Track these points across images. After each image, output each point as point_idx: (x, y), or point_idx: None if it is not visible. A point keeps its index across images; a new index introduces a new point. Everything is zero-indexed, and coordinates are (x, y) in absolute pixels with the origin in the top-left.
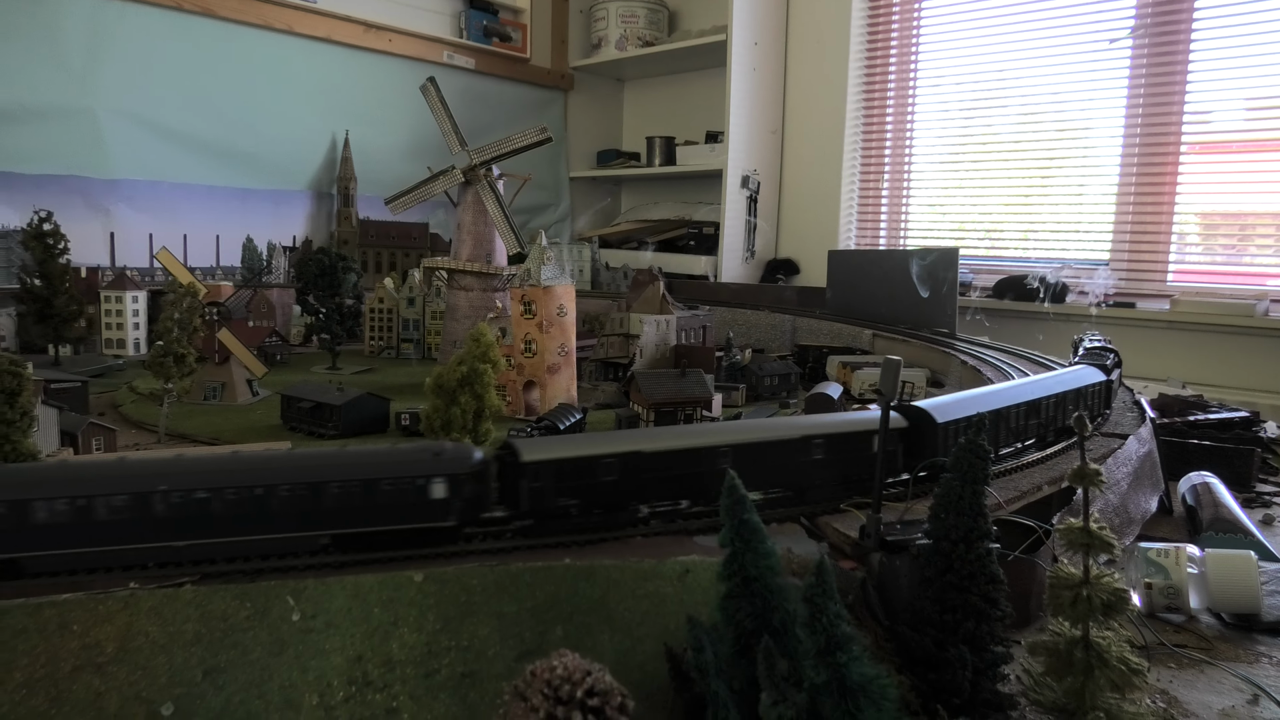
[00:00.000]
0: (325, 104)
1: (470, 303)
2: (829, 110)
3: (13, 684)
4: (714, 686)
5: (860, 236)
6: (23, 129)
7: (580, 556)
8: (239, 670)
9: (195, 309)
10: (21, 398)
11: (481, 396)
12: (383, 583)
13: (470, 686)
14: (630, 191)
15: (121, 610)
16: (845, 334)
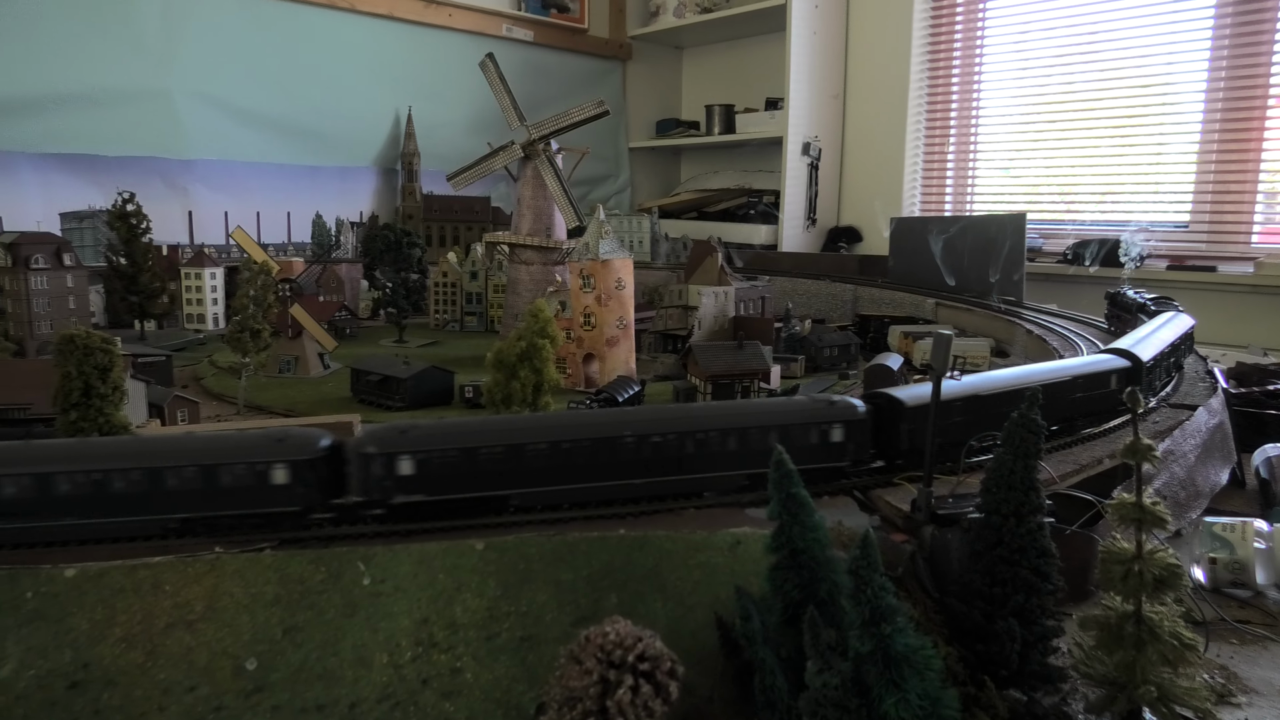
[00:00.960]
0: (388, 80)
1: (531, 276)
2: (892, 72)
3: (113, 638)
4: (761, 654)
5: (925, 202)
6: (104, 112)
7: (635, 527)
8: (315, 630)
9: (269, 286)
10: (113, 373)
11: (540, 370)
12: (446, 550)
13: (529, 649)
14: (689, 161)
15: (208, 572)
16: (907, 303)
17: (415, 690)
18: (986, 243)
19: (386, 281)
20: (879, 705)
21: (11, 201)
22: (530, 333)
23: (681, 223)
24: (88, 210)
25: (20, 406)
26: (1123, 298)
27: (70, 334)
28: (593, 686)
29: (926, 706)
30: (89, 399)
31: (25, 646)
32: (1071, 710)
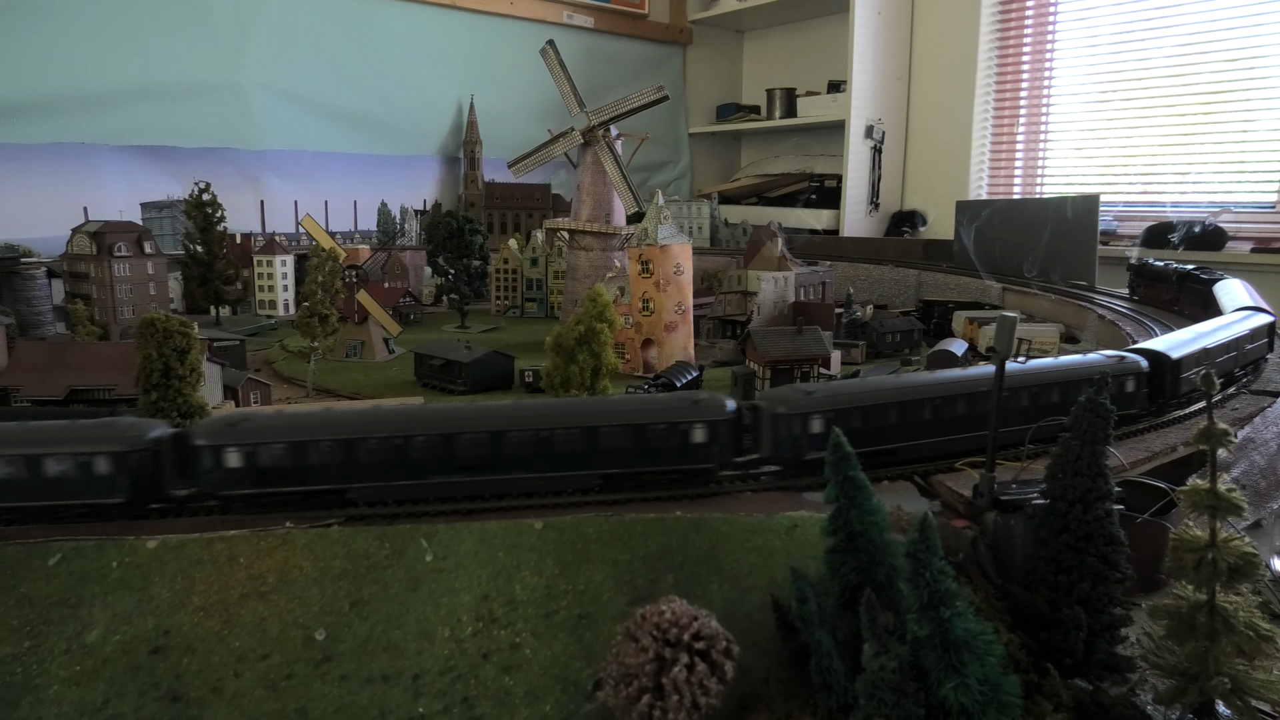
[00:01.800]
0: (452, 69)
1: (590, 262)
2: (959, 50)
3: (192, 607)
4: (817, 636)
5: (992, 185)
6: (181, 105)
7: (691, 509)
8: (380, 603)
9: (336, 272)
10: (190, 355)
11: (599, 354)
12: (506, 529)
13: (586, 627)
14: (750, 145)
15: (280, 546)
16: (973, 288)
17: (476, 664)
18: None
19: (449, 268)
20: (937, 689)
21: (96, 192)
22: (589, 316)
23: (741, 208)
24: (166, 200)
25: (105, 387)
26: (1149, 268)
27: (150, 318)
28: (648, 664)
29: (986, 692)
30: (168, 380)
31: (111, 613)
32: (1140, 701)
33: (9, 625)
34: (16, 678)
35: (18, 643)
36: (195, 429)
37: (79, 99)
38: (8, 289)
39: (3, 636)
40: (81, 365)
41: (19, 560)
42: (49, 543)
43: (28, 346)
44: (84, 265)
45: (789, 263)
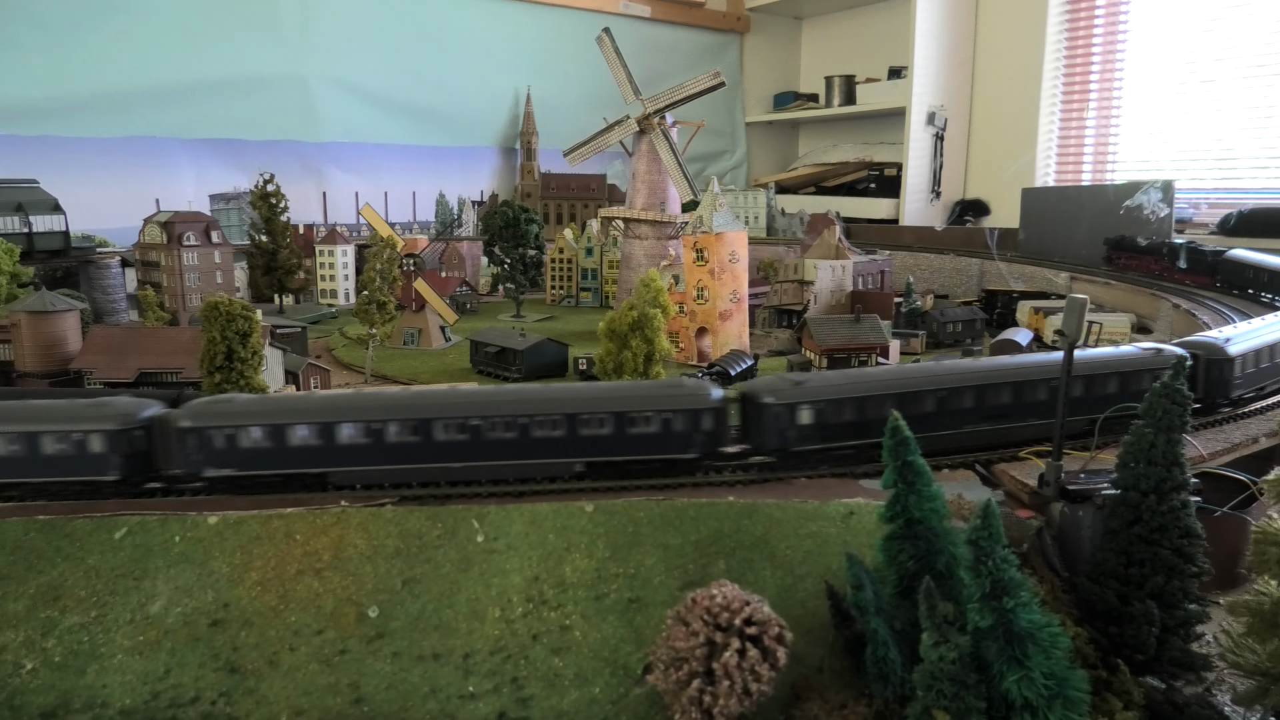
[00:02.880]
0: (509, 61)
1: (645, 251)
2: (1026, 33)
3: (250, 582)
4: (873, 624)
5: (1060, 172)
6: (247, 99)
7: (743, 495)
8: (432, 582)
9: (394, 260)
10: (252, 338)
11: (652, 340)
12: (556, 511)
13: (636, 611)
14: (808, 134)
15: (335, 524)
16: (1038, 277)
17: (526, 645)
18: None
19: (505, 257)
20: (999, 682)
21: (167, 184)
22: (642, 302)
23: (798, 198)
24: (233, 192)
25: (173, 370)
26: (1128, 241)
27: (214, 301)
28: (699, 648)
29: (1051, 686)
30: (231, 362)
31: (173, 585)
32: (1217, 701)
33: (77, 595)
34: (84, 645)
35: (85, 612)
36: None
37: (150, 94)
38: (84, 277)
39: (71, 606)
40: (151, 349)
41: (87, 533)
42: (115, 517)
43: (100, 331)
44: (155, 254)
45: (847, 251)
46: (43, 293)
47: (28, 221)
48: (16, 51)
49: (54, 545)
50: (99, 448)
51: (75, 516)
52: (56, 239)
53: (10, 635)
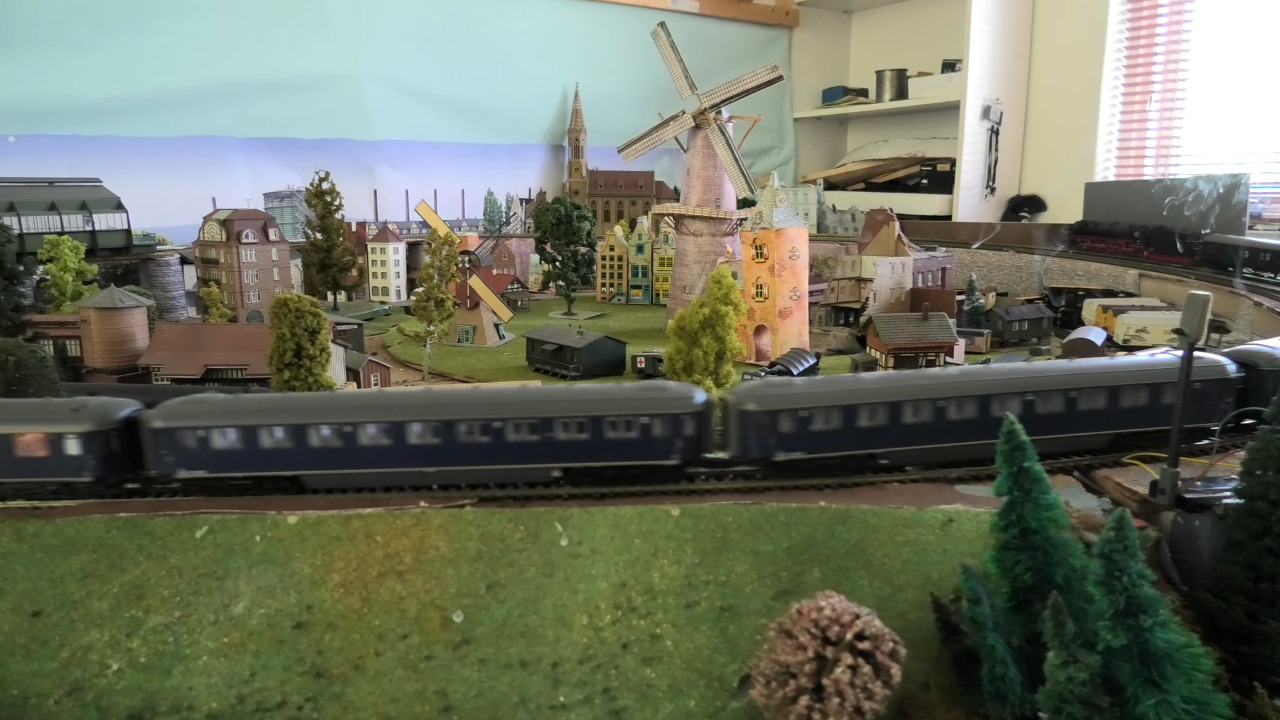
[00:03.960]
0: (558, 57)
1: (699, 248)
2: (1086, 25)
3: (332, 583)
4: (990, 641)
5: (1120, 167)
6: (299, 98)
7: (835, 499)
8: (516, 587)
9: (453, 257)
10: (321, 335)
11: (723, 339)
12: (641, 515)
13: (729, 620)
14: (857, 129)
15: (415, 525)
16: (1104, 275)
17: (615, 654)
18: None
19: (556, 255)
20: (1134, 706)
21: (223, 182)
22: (713, 299)
23: (848, 194)
24: (287, 190)
25: (238, 367)
26: (1095, 225)
27: (283, 297)
28: (808, 663)
29: (1192, 711)
30: (300, 359)
31: (256, 586)
32: None
33: (160, 595)
34: (168, 646)
35: (169, 612)
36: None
37: (207, 93)
38: (144, 275)
39: (155, 605)
40: (216, 345)
41: (168, 532)
42: (195, 515)
43: (167, 328)
44: (214, 251)
45: (907, 248)
46: (111, 289)
47: (91, 220)
48: (79, 52)
49: (135, 543)
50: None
51: (155, 514)
52: (118, 237)
53: (95, 635)
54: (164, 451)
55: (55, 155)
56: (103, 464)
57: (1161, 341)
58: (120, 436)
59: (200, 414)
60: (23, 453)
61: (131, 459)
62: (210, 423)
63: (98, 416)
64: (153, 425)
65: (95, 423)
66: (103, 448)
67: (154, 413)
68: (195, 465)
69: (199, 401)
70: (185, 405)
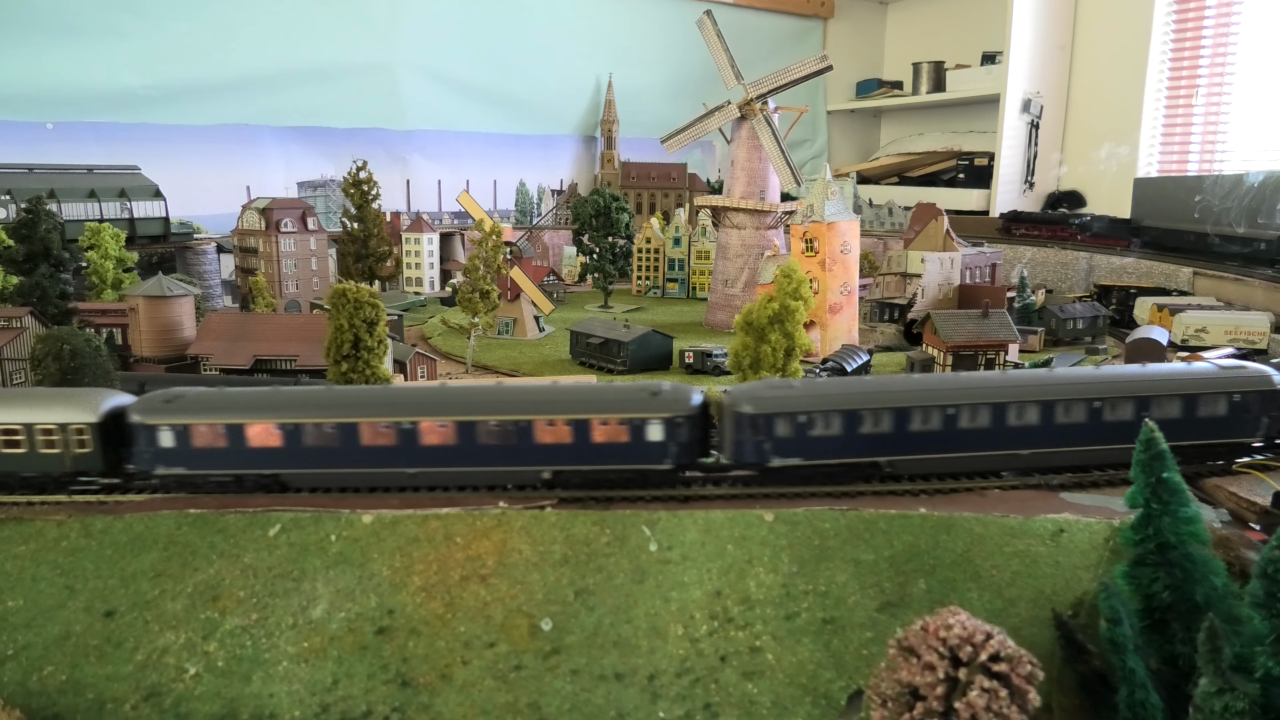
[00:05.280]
0: (591, 48)
1: (742, 241)
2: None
3: (413, 587)
4: (1130, 664)
5: (1164, 162)
6: (335, 87)
7: (935, 506)
8: (605, 594)
9: (499, 248)
10: (379, 327)
11: (792, 335)
12: (732, 520)
13: (832, 633)
14: (891, 122)
15: (496, 527)
16: (1156, 272)
17: (714, 667)
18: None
19: (593, 246)
20: None
21: (257, 171)
22: (783, 294)
23: (881, 188)
24: (320, 179)
25: (288, 357)
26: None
27: (341, 288)
28: (938, 685)
29: None
30: (357, 351)
31: (334, 588)
32: None
33: (236, 596)
34: (246, 650)
35: (246, 614)
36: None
37: (243, 81)
38: (181, 263)
39: (231, 607)
40: (265, 336)
41: (240, 529)
42: (268, 512)
43: (216, 317)
44: (253, 240)
45: (955, 243)
46: (160, 277)
47: (129, 207)
48: (118, 40)
49: (207, 541)
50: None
51: (226, 511)
52: (156, 225)
53: (171, 637)
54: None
55: (92, 142)
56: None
57: (1222, 341)
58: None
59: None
60: None
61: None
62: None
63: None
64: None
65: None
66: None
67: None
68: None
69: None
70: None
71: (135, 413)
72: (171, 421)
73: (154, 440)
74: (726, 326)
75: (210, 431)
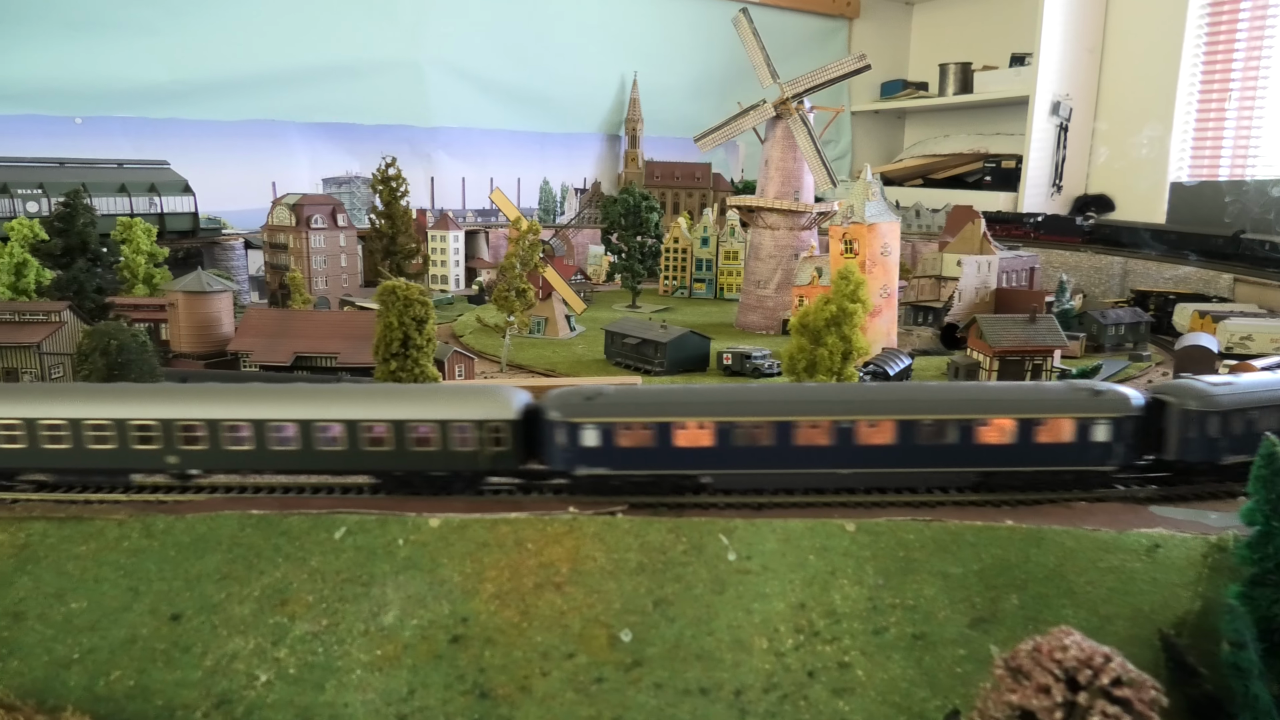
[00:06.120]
0: (616, 46)
1: (775, 241)
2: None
3: (486, 594)
4: (1255, 690)
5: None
6: (361, 83)
7: (1022, 518)
8: (685, 604)
9: (536, 246)
10: (428, 325)
11: (849, 338)
12: (812, 529)
13: (924, 650)
14: (915, 124)
15: (568, 533)
16: (1194, 278)
17: (802, 682)
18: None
19: (622, 245)
20: None
21: (283, 168)
22: (840, 295)
23: (905, 189)
24: (344, 176)
25: (329, 355)
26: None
27: (391, 285)
28: (1056, 709)
29: None
30: (407, 350)
31: (404, 594)
32: None
33: (305, 600)
34: (318, 658)
35: (315, 620)
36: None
37: (270, 77)
38: (208, 259)
39: (300, 612)
40: (305, 333)
41: (304, 532)
42: (332, 515)
43: (255, 313)
44: (283, 236)
45: (993, 246)
46: (199, 272)
47: (158, 202)
48: (148, 35)
49: (272, 543)
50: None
51: (289, 512)
52: (185, 220)
53: (240, 642)
54: None
55: (120, 137)
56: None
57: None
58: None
59: None
60: None
61: None
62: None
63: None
64: None
65: None
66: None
67: None
68: None
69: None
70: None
71: (554, 410)
72: (597, 420)
73: (576, 439)
74: (758, 328)
75: (638, 431)
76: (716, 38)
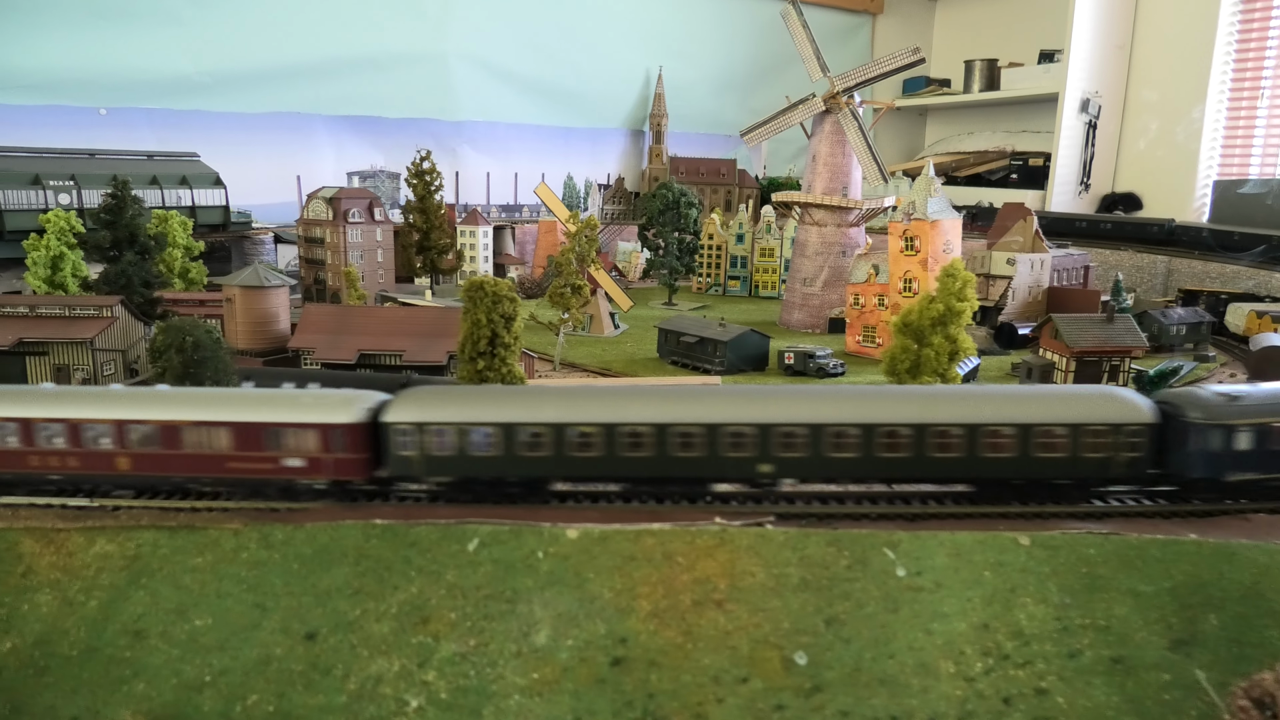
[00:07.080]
0: (641, 41)
1: (822, 238)
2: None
3: (642, 612)
4: None
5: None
6: (387, 76)
7: (1204, 532)
8: (858, 624)
9: (594, 241)
10: (516, 323)
11: (955, 338)
12: (983, 543)
13: (1125, 675)
14: (937, 121)
15: (719, 546)
16: (1243, 277)
17: (999, 710)
18: None
19: (660, 241)
20: None
21: (308, 160)
22: (946, 294)
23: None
24: (370, 169)
25: (394, 353)
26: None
27: (479, 280)
28: None
29: None
30: (494, 348)
31: (553, 612)
32: None
33: (447, 618)
34: (470, 681)
35: (462, 640)
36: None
37: (296, 69)
38: (238, 253)
39: (444, 631)
40: (367, 330)
41: (434, 543)
42: (462, 525)
43: (315, 309)
44: (319, 230)
45: (1045, 245)
46: (255, 266)
47: (190, 195)
48: (174, 25)
49: (401, 555)
50: None
51: (415, 522)
52: (216, 213)
53: (383, 664)
54: None
55: (145, 129)
56: None
57: None
58: None
59: None
60: None
61: None
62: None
63: None
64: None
65: None
66: None
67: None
68: None
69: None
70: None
71: (1195, 412)
72: (1250, 423)
73: (1230, 444)
74: (803, 326)
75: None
76: (741, 33)
